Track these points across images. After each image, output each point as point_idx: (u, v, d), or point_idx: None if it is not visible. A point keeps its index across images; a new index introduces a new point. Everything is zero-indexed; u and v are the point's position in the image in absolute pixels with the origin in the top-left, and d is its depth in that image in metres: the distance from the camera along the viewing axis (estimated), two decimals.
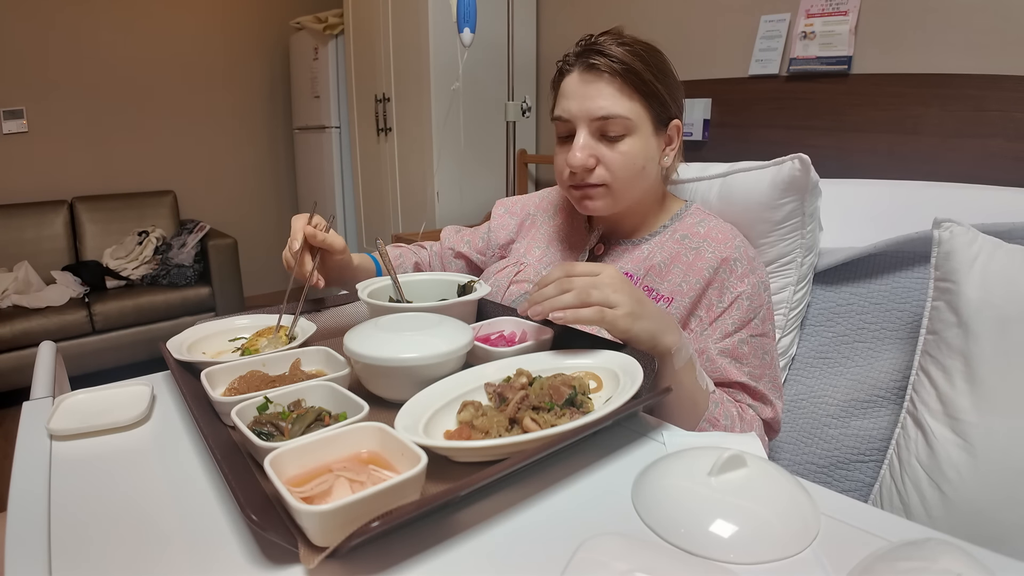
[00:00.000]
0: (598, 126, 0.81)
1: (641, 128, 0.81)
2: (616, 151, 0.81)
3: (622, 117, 0.79)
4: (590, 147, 0.81)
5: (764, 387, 0.82)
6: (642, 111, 0.81)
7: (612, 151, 0.81)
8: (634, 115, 0.80)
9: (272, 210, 3.87)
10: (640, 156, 0.82)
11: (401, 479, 0.42)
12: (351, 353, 0.61)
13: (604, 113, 0.79)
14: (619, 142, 0.81)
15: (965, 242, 0.83)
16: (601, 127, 0.81)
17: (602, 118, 0.80)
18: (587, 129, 0.81)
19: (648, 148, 0.83)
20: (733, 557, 0.42)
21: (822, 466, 0.98)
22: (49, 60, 2.99)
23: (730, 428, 0.75)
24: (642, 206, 0.90)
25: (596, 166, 0.82)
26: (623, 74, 0.79)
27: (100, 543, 0.43)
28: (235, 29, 3.54)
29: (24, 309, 2.52)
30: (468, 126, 2.25)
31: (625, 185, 0.83)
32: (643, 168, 0.83)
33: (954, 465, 0.77)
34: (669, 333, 0.67)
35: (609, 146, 0.81)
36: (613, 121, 0.79)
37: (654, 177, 0.87)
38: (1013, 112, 1.35)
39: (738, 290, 0.82)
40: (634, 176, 0.83)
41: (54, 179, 3.05)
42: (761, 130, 1.84)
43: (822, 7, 1.65)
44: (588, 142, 0.81)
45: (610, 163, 0.81)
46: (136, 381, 0.69)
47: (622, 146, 0.81)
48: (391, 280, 0.83)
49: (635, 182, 0.83)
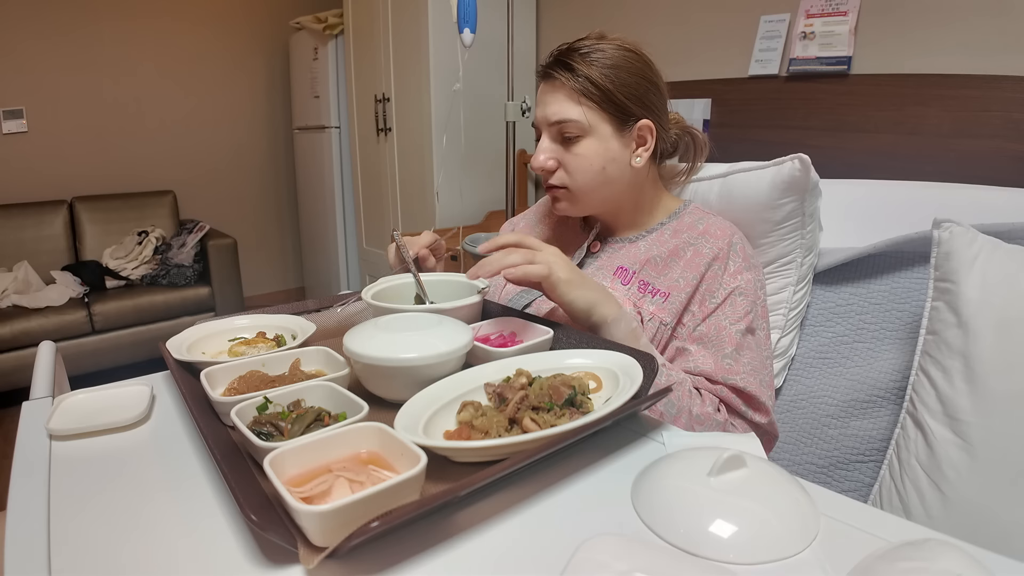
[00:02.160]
0: (556, 130, 0.85)
1: (597, 130, 0.84)
2: (572, 153, 0.85)
3: (573, 120, 0.83)
4: (550, 150, 0.87)
5: (755, 388, 0.80)
6: (596, 114, 0.84)
7: (569, 153, 0.85)
8: (587, 118, 0.83)
9: (272, 210, 3.87)
10: (597, 157, 0.85)
11: (401, 479, 0.42)
12: (351, 353, 0.61)
13: (557, 117, 0.84)
14: (575, 144, 0.85)
15: (965, 242, 0.83)
16: (559, 130, 0.85)
17: (557, 122, 0.84)
18: (548, 133, 0.87)
19: (607, 150, 0.85)
20: (733, 557, 0.42)
21: (822, 466, 0.98)
22: (49, 60, 2.98)
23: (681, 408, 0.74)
24: (630, 205, 0.91)
25: (556, 168, 0.87)
26: (576, 81, 0.83)
27: (100, 543, 0.43)
28: (235, 29, 3.54)
29: (24, 309, 2.52)
30: (468, 126, 2.25)
31: (584, 187, 0.87)
32: (602, 169, 0.85)
33: (954, 465, 0.77)
34: (606, 305, 0.74)
35: (567, 149, 0.85)
36: (567, 124, 0.84)
37: (624, 178, 0.88)
38: (1013, 112, 1.35)
39: (732, 285, 0.82)
40: (592, 178, 0.86)
41: (54, 179, 3.05)
42: (761, 130, 1.84)
43: (822, 7, 1.65)
44: (549, 145, 0.87)
45: (567, 164, 0.86)
46: (136, 381, 0.69)
47: (578, 148, 0.85)
48: (412, 277, 0.83)
49: (595, 183, 0.86)
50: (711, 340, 0.81)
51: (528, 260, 0.72)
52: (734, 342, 0.80)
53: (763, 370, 0.82)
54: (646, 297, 0.85)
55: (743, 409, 0.80)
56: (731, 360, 0.80)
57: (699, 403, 0.76)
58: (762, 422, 0.81)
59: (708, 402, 0.78)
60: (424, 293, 0.82)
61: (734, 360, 0.80)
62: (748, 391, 0.79)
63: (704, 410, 0.76)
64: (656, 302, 0.84)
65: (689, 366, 0.81)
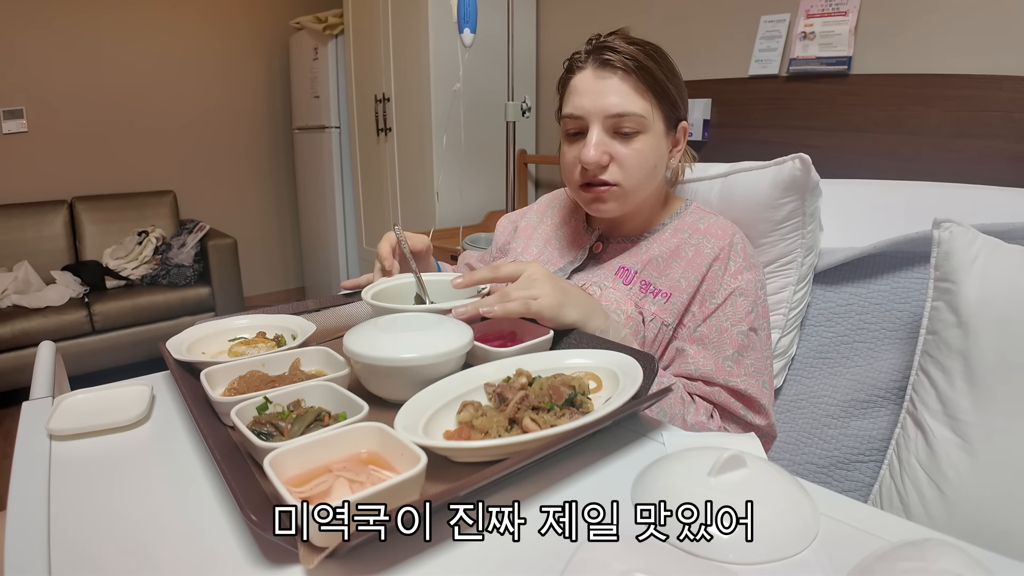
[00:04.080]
0: (612, 123, 0.79)
1: (654, 127, 0.81)
2: (630, 148, 0.80)
3: (636, 115, 0.78)
4: (604, 144, 0.80)
5: (755, 390, 0.79)
6: (655, 110, 0.80)
7: (626, 148, 0.80)
8: (647, 113, 0.79)
9: (272, 210, 3.86)
10: (652, 155, 0.81)
11: (401, 479, 0.42)
12: (351, 353, 0.61)
13: (619, 110, 0.78)
14: (633, 140, 0.80)
15: (965, 242, 0.83)
16: (615, 124, 0.79)
17: (617, 115, 0.79)
18: (600, 126, 0.80)
19: (660, 148, 0.82)
20: (733, 557, 0.42)
21: (822, 466, 0.97)
22: (49, 60, 2.98)
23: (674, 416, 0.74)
24: (645, 206, 0.90)
25: (609, 163, 0.81)
26: (637, 71, 0.78)
27: (100, 543, 0.43)
28: (235, 29, 3.54)
29: (24, 309, 2.52)
30: (468, 126, 2.24)
31: (636, 185, 0.82)
32: (654, 167, 0.82)
33: (954, 465, 0.77)
34: (594, 318, 0.72)
35: (623, 143, 0.80)
36: (627, 118, 0.78)
37: (660, 177, 0.87)
38: (1013, 112, 1.35)
39: (732, 285, 0.82)
40: (646, 176, 0.82)
41: (54, 179, 3.05)
42: (761, 130, 1.84)
43: (822, 7, 1.65)
44: (602, 139, 0.80)
45: (623, 160, 0.80)
46: (136, 381, 0.69)
47: (636, 143, 0.80)
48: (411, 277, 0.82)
49: (646, 182, 0.83)
50: (711, 341, 0.81)
51: (503, 299, 0.68)
52: (735, 344, 0.80)
53: (764, 372, 0.82)
54: (647, 297, 0.84)
55: (741, 412, 0.79)
56: (732, 363, 0.79)
57: (693, 411, 0.76)
58: (760, 424, 0.80)
59: (702, 410, 0.77)
60: (424, 292, 0.81)
61: (735, 363, 0.79)
62: (748, 393, 0.78)
63: (698, 419, 0.76)
64: (658, 302, 0.84)
65: (689, 367, 0.80)
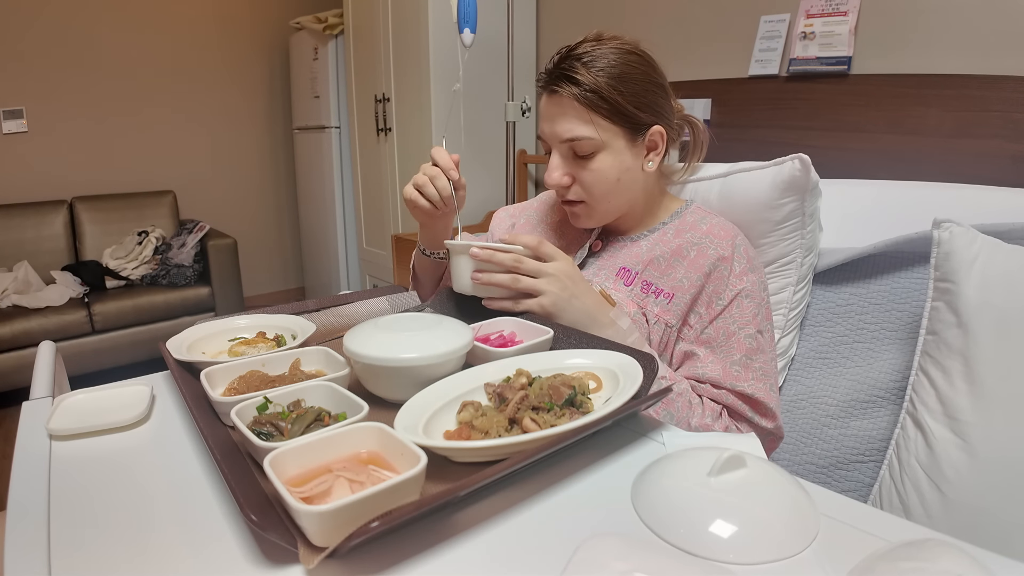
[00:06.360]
0: (568, 146, 0.84)
1: (611, 144, 0.82)
2: (588, 169, 0.84)
3: (587, 138, 0.81)
4: (563, 166, 0.85)
5: (763, 394, 0.79)
6: (609, 128, 0.82)
7: (584, 169, 0.84)
8: (600, 134, 0.81)
9: (272, 210, 3.87)
10: (612, 170, 0.83)
11: (401, 479, 0.42)
12: (351, 353, 0.61)
13: (570, 136, 0.82)
14: (590, 160, 0.83)
15: (965, 242, 0.83)
16: (571, 147, 0.83)
17: (569, 140, 0.82)
18: (558, 150, 0.85)
19: (622, 162, 0.84)
20: (733, 557, 0.42)
21: (822, 466, 0.97)
22: (49, 60, 2.98)
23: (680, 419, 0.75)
24: (635, 208, 0.90)
25: (572, 184, 0.86)
26: (584, 98, 0.80)
27: (100, 543, 0.43)
28: (235, 29, 3.54)
29: (24, 309, 2.52)
30: (468, 126, 2.25)
31: (601, 200, 0.86)
32: (618, 180, 0.84)
33: (953, 465, 0.77)
34: (596, 328, 0.74)
35: (581, 164, 0.84)
36: (580, 142, 0.82)
37: (637, 184, 0.87)
38: (1013, 112, 1.35)
39: (737, 287, 0.82)
40: (609, 190, 0.85)
41: (54, 179, 3.05)
42: (761, 130, 1.84)
43: (822, 7, 1.65)
44: (560, 162, 0.85)
45: (583, 180, 0.85)
46: (136, 381, 0.69)
47: (593, 164, 0.83)
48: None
49: (613, 195, 0.86)
50: (719, 344, 0.81)
51: (514, 295, 0.75)
52: (743, 348, 0.80)
53: (771, 374, 0.82)
54: (649, 298, 0.84)
55: (749, 415, 0.79)
56: (739, 367, 0.80)
57: (699, 414, 0.76)
58: (768, 427, 0.80)
59: (708, 412, 0.77)
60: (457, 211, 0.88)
61: (743, 367, 0.80)
62: (756, 397, 0.79)
63: (703, 421, 0.76)
64: (660, 303, 0.84)
65: (697, 372, 0.80)
